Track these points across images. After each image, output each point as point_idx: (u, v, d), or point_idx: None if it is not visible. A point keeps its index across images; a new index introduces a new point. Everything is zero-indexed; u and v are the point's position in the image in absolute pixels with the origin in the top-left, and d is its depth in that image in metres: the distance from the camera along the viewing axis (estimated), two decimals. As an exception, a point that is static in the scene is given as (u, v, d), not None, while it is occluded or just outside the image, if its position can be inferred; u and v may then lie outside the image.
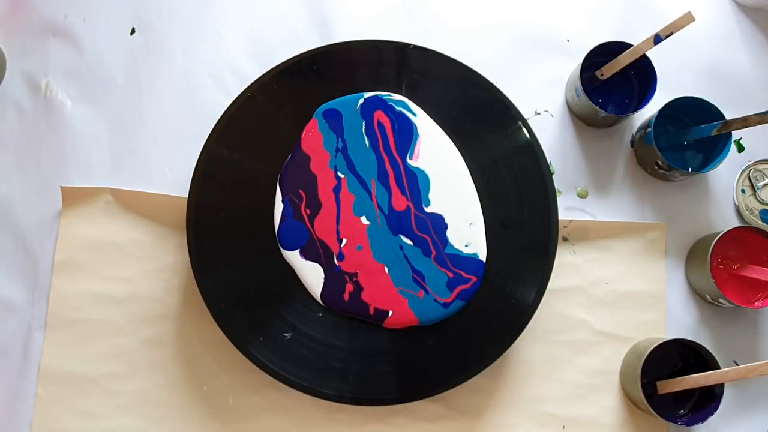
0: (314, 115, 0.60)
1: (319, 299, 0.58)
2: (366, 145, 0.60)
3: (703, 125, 0.61)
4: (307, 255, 0.58)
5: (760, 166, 0.65)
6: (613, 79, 0.63)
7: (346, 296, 0.58)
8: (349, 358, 0.57)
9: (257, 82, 0.60)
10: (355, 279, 0.58)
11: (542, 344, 0.61)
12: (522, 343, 0.60)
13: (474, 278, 0.58)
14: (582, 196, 0.64)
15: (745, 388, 0.62)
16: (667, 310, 0.63)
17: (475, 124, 0.61)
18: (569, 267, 0.62)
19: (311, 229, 0.58)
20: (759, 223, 0.64)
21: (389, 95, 0.60)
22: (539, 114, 0.65)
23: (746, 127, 0.57)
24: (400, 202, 0.59)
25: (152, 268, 0.61)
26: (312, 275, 0.58)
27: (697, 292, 0.63)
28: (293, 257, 0.58)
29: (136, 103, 0.64)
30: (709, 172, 0.63)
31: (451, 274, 0.58)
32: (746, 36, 0.68)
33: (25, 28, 0.65)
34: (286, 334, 0.57)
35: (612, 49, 0.61)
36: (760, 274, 0.59)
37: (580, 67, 0.61)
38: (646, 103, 0.61)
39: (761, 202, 0.64)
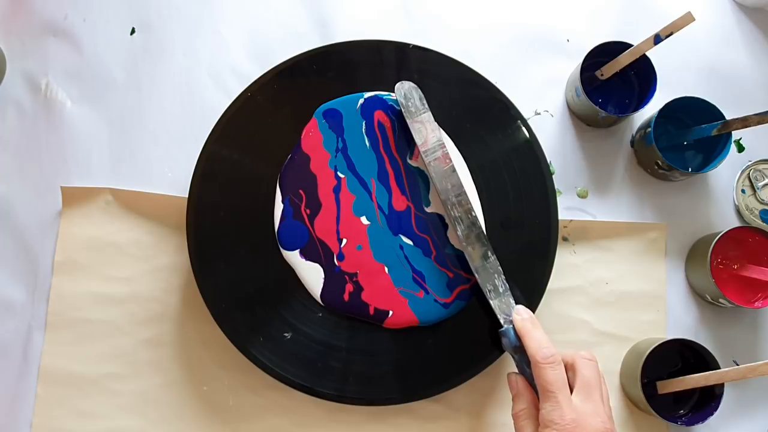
0: (314, 115, 0.60)
1: (319, 299, 0.58)
2: (366, 145, 0.60)
3: (703, 125, 0.61)
4: (307, 255, 0.58)
5: (760, 166, 0.65)
6: (613, 79, 0.63)
7: (346, 296, 0.58)
8: (349, 358, 0.57)
9: (257, 82, 0.60)
10: (355, 279, 0.58)
11: (542, 344, 0.61)
12: (522, 343, 0.60)
13: (474, 278, 0.58)
14: (582, 196, 0.64)
15: (745, 388, 0.62)
16: (667, 310, 0.63)
17: (475, 124, 0.61)
18: (569, 267, 0.62)
19: (311, 229, 0.58)
20: (759, 223, 0.64)
21: (389, 95, 0.60)
22: (539, 114, 0.65)
23: (746, 127, 0.57)
24: (400, 202, 0.59)
25: (152, 268, 0.61)
26: (312, 275, 0.58)
27: (697, 292, 0.63)
28: (293, 257, 0.58)
29: (136, 103, 0.64)
30: (709, 172, 0.63)
31: (451, 275, 0.58)
32: (746, 36, 0.68)
33: (25, 28, 0.65)
34: (286, 334, 0.57)
35: (612, 49, 0.61)
36: (760, 274, 0.59)
37: (580, 67, 0.61)
38: (646, 103, 0.61)
39: (761, 202, 0.64)
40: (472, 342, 0.58)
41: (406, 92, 0.58)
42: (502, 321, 0.55)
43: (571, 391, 0.49)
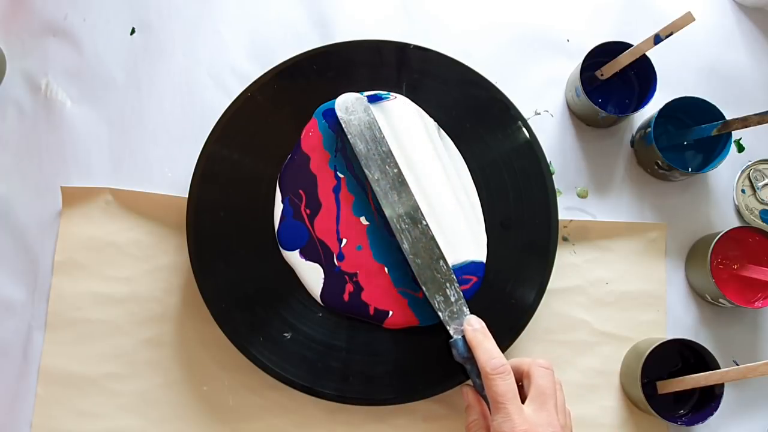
0: (314, 115, 0.60)
1: (318, 299, 0.58)
2: (366, 145, 0.60)
3: (703, 125, 0.61)
4: (306, 255, 0.58)
5: (760, 166, 0.65)
6: (613, 79, 0.63)
7: (345, 296, 0.58)
8: (349, 358, 0.57)
9: (257, 82, 0.60)
10: (355, 279, 0.58)
11: (542, 344, 0.61)
12: (522, 343, 0.60)
13: (474, 278, 0.58)
14: (582, 196, 0.64)
15: (745, 388, 0.62)
16: (667, 310, 0.63)
17: (475, 124, 0.61)
18: (569, 267, 0.62)
19: (311, 229, 0.58)
20: (759, 223, 0.64)
21: (388, 94, 0.60)
22: (539, 114, 0.65)
23: (746, 127, 0.57)
24: (400, 202, 0.59)
25: (152, 268, 0.61)
26: (312, 275, 0.58)
27: (697, 292, 0.63)
28: (293, 257, 0.58)
29: (136, 103, 0.64)
30: (709, 172, 0.63)
31: (451, 274, 0.58)
32: (746, 36, 0.68)
33: (25, 28, 0.65)
34: (286, 334, 0.57)
35: (612, 49, 0.61)
36: (760, 274, 0.59)
37: (580, 67, 0.61)
38: (646, 103, 0.61)
39: (761, 202, 0.64)
40: (472, 342, 0.58)
41: (349, 106, 0.58)
42: (452, 332, 0.54)
43: (526, 400, 0.48)
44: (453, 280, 0.55)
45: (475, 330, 0.52)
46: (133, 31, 0.65)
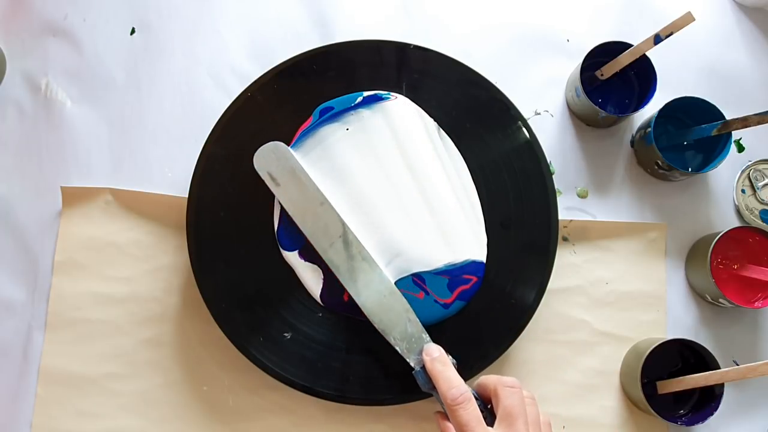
0: (313, 115, 0.60)
1: (318, 299, 0.58)
2: (366, 145, 0.60)
3: (703, 125, 0.61)
4: (306, 256, 0.58)
5: (760, 166, 0.65)
6: (613, 79, 0.63)
7: (345, 296, 0.58)
8: (349, 358, 0.57)
9: (257, 82, 0.60)
10: (355, 279, 0.58)
11: (542, 344, 0.61)
12: (522, 343, 0.60)
13: (474, 279, 0.58)
14: (582, 196, 0.64)
15: (745, 388, 0.62)
16: (667, 310, 0.63)
17: (475, 124, 0.61)
18: (569, 267, 0.62)
19: (311, 229, 0.58)
20: (759, 223, 0.64)
21: (389, 94, 0.60)
22: (539, 114, 0.65)
23: (746, 127, 0.57)
24: (400, 202, 0.59)
25: (152, 268, 0.61)
26: (311, 276, 0.58)
27: (697, 292, 0.63)
28: (292, 258, 0.58)
29: (136, 103, 0.64)
30: (709, 172, 0.63)
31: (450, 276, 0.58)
32: (746, 36, 0.68)
33: (25, 28, 0.65)
34: (285, 334, 0.57)
35: (612, 49, 0.61)
36: (760, 274, 0.59)
37: (580, 67, 0.61)
38: (646, 103, 0.61)
39: (761, 202, 0.64)
40: (471, 342, 0.58)
41: (267, 156, 0.56)
42: (413, 364, 0.53)
43: (495, 423, 0.47)
44: (408, 308, 0.55)
45: (433, 360, 0.51)
46: (133, 31, 0.65)
